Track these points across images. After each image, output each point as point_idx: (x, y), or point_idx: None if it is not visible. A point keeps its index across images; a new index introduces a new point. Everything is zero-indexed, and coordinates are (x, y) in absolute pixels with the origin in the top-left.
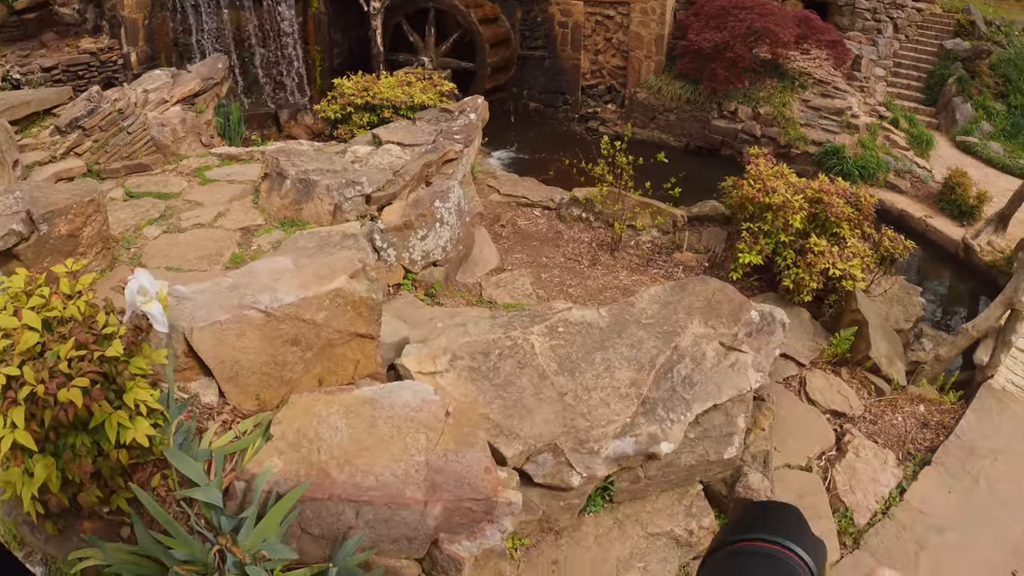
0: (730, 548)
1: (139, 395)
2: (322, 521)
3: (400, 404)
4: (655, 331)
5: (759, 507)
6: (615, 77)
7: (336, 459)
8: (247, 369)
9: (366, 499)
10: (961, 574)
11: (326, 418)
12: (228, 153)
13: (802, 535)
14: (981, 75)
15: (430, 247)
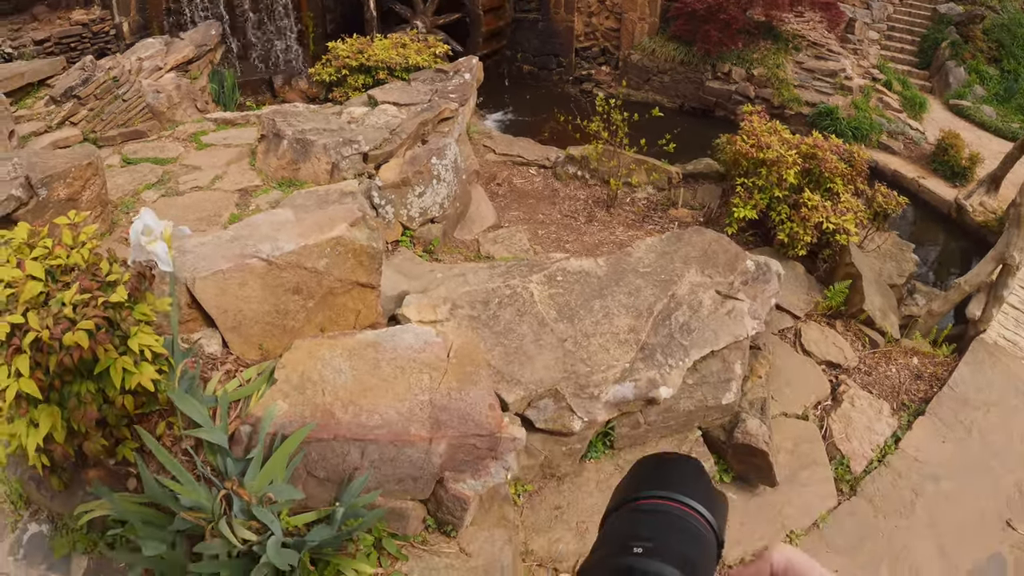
0: (627, 506)
1: (144, 340)
2: (327, 463)
3: (403, 346)
4: (652, 279)
5: (657, 462)
6: (609, 39)
7: (340, 400)
8: (250, 319)
9: (371, 438)
10: (956, 522)
11: (330, 361)
12: (224, 118)
13: (701, 489)
14: (975, 40)
15: (428, 204)
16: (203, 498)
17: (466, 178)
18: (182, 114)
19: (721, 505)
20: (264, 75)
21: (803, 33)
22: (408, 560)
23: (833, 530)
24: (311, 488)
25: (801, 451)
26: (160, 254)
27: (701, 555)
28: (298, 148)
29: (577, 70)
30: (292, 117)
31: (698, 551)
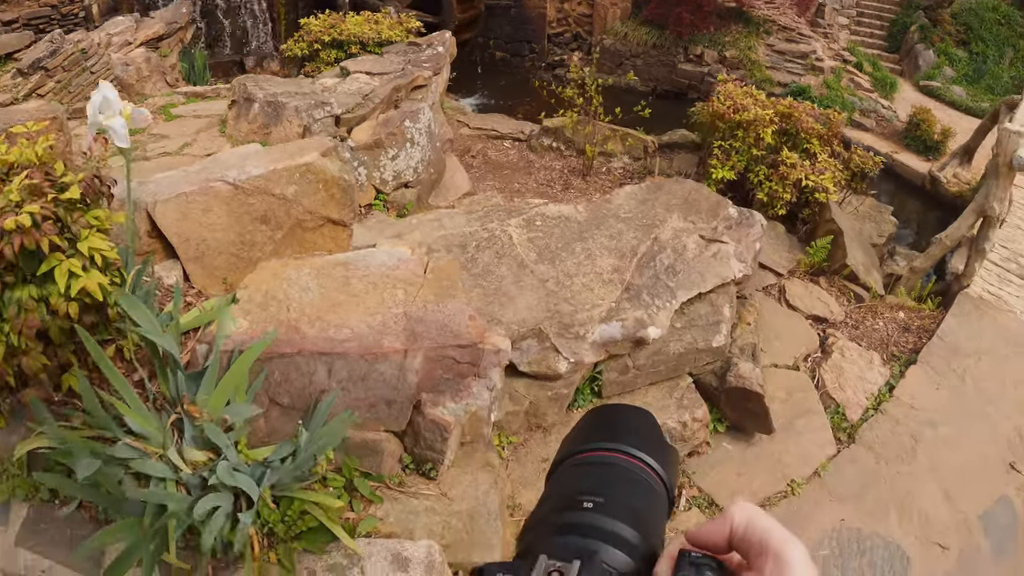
0: (575, 458)
1: (95, 243)
2: (291, 385)
3: (375, 264)
4: (634, 224)
5: (606, 413)
6: (581, 25)
7: (307, 316)
8: (213, 249)
9: (340, 351)
10: (959, 467)
11: (296, 280)
12: (194, 91)
13: (652, 442)
14: (943, 23)
15: (401, 167)
16: (152, 425)
17: (440, 146)
18: (151, 87)
19: (672, 458)
20: (235, 57)
21: (773, 18)
22: (383, 503)
23: (835, 478)
24: (274, 419)
25: (795, 400)
26: (117, 129)
27: (652, 509)
28: (269, 112)
29: (550, 56)
30: (264, 82)
31: (649, 505)
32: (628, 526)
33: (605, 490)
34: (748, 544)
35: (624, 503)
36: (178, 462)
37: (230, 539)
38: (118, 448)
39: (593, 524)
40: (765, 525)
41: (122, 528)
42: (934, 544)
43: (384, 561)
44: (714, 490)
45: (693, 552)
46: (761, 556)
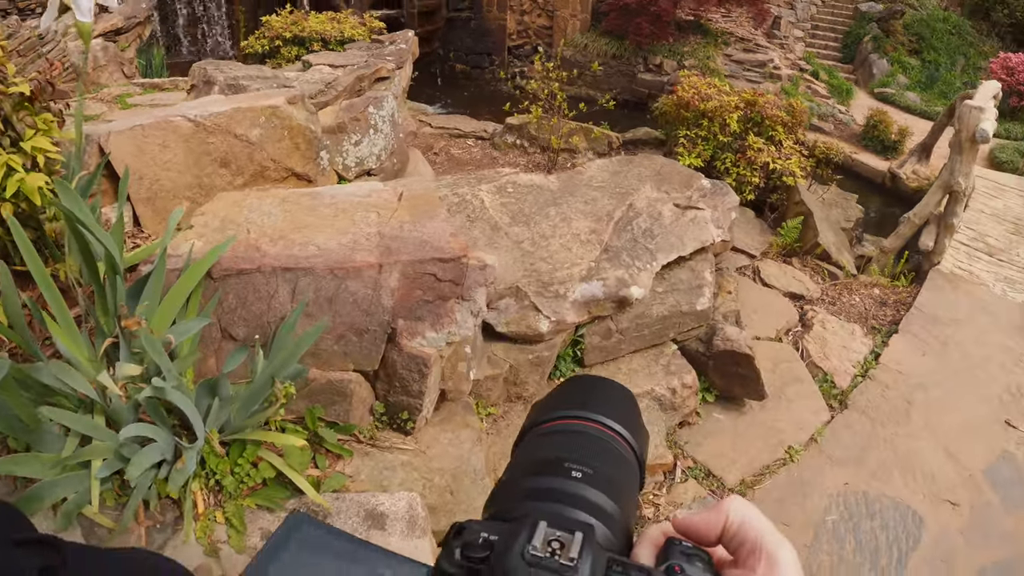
0: (547, 426)
1: (39, 143)
2: (249, 311)
3: (344, 194)
4: (608, 192)
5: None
6: (541, 37)
7: (268, 236)
8: (168, 190)
9: (305, 267)
10: (955, 426)
11: (258, 207)
12: (152, 83)
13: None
14: (895, 33)
15: (364, 153)
16: (82, 351)
17: (404, 137)
18: (108, 77)
19: (645, 438)
20: (193, 59)
21: (731, 30)
22: (352, 458)
23: (832, 443)
24: (226, 355)
25: (781, 370)
26: (81, 3)
27: (630, 484)
28: (231, 94)
29: (510, 68)
30: (225, 66)
31: (627, 480)
32: (612, 500)
33: (591, 460)
34: (740, 541)
35: (609, 475)
36: (108, 384)
37: (167, 492)
38: (37, 368)
39: (581, 495)
40: (760, 525)
41: (31, 462)
42: (944, 501)
43: (356, 518)
44: (710, 461)
45: (684, 542)
46: (753, 555)
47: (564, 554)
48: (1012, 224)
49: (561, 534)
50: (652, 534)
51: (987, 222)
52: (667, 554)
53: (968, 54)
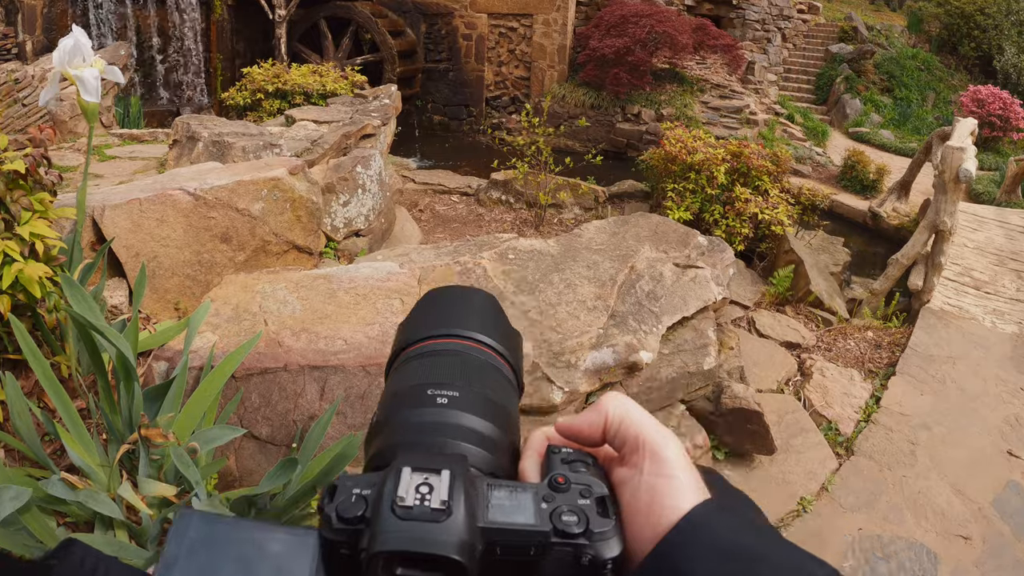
0: (411, 351)
1: (38, 228)
2: (273, 409)
3: (361, 277)
4: (608, 255)
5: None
6: (519, 88)
7: (290, 328)
8: (167, 268)
9: (334, 364)
10: (960, 461)
11: (272, 293)
12: (130, 134)
13: (493, 324)
14: (866, 73)
15: (352, 214)
16: (94, 458)
17: (390, 195)
18: (85, 127)
19: (517, 342)
20: (170, 107)
21: (706, 77)
22: None
23: (842, 491)
24: (248, 457)
25: (787, 421)
26: (88, 80)
27: (506, 399)
28: (215, 152)
29: (488, 119)
30: (209, 122)
31: (503, 394)
32: (487, 420)
33: (456, 381)
34: (623, 439)
35: (479, 394)
36: (134, 500)
37: None
38: (51, 484)
39: (450, 422)
40: (640, 420)
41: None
42: (956, 537)
43: None
44: None
45: (564, 448)
46: (636, 452)
47: (435, 497)
48: (995, 256)
49: (428, 476)
50: (534, 444)
51: (971, 256)
52: (549, 464)
53: (938, 88)
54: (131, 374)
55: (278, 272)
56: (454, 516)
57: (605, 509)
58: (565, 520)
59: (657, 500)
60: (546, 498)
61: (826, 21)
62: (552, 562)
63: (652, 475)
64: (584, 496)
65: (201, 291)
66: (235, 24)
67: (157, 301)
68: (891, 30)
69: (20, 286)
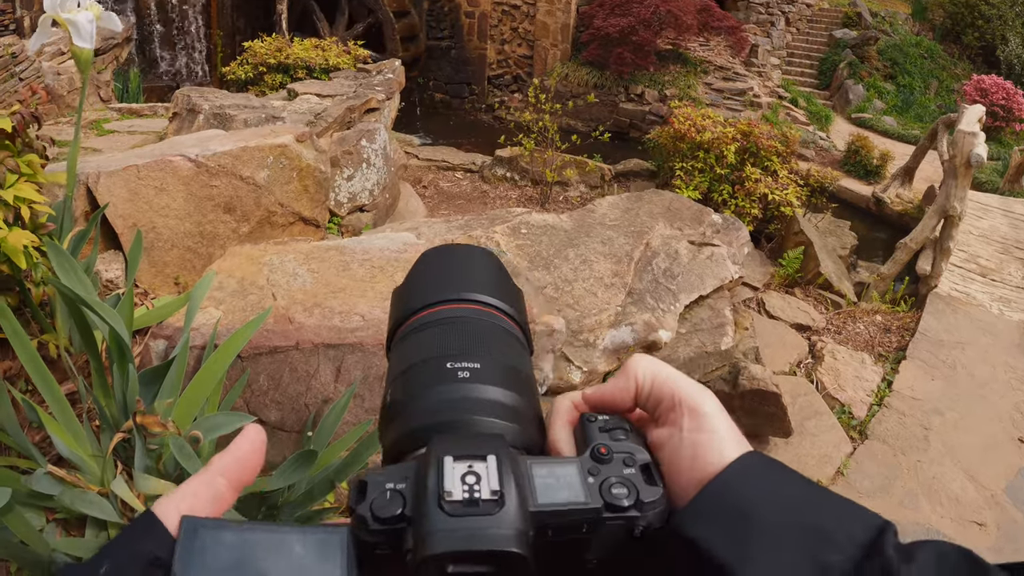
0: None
1: (23, 191)
2: (284, 392)
3: (376, 249)
4: (623, 231)
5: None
6: (521, 66)
7: (301, 303)
8: (165, 240)
9: (351, 342)
10: (972, 447)
11: (280, 266)
12: (129, 108)
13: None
14: (870, 59)
15: (357, 189)
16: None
17: (395, 170)
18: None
19: (520, 298)
20: (170, 83)
21: (710, 59)
22: None
23: (857, 475)
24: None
25: (800, 404)
26: (82, 25)
27: (522, 363)
28: (216, 124)
29: (490, 97)
30: (210, 94)
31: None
32: (512, 391)
33: (475, 350)
34: (657, 399)
35: (500, 363)
36: (129, 498)
37: None
38: (36, 479)
39: (477, 396)
40: (673, 377)
41: None
42: (971, 523)
43: None
44: None
45: (600, 416)
46: (673, 411)
47: (484, 487)
48: (1000, 244)
49: (472, 464)
50: (563, 410)
51: (976, 243)
52: (586, 434)
53: (941, 77)
54: (125, 354)
55: (286, 243)
56: (507, 506)
57: (651, 476)
58: (615, 493)
59: (700, 455)
60: (591, 471)
61: (829, 6)
62: (603, 536)
63: (693, 431)
64: (628, 465)
65: (202, 264)
66: (236, 1)
67: (156, 275)
68: (895, 17)
69: (3, 256)
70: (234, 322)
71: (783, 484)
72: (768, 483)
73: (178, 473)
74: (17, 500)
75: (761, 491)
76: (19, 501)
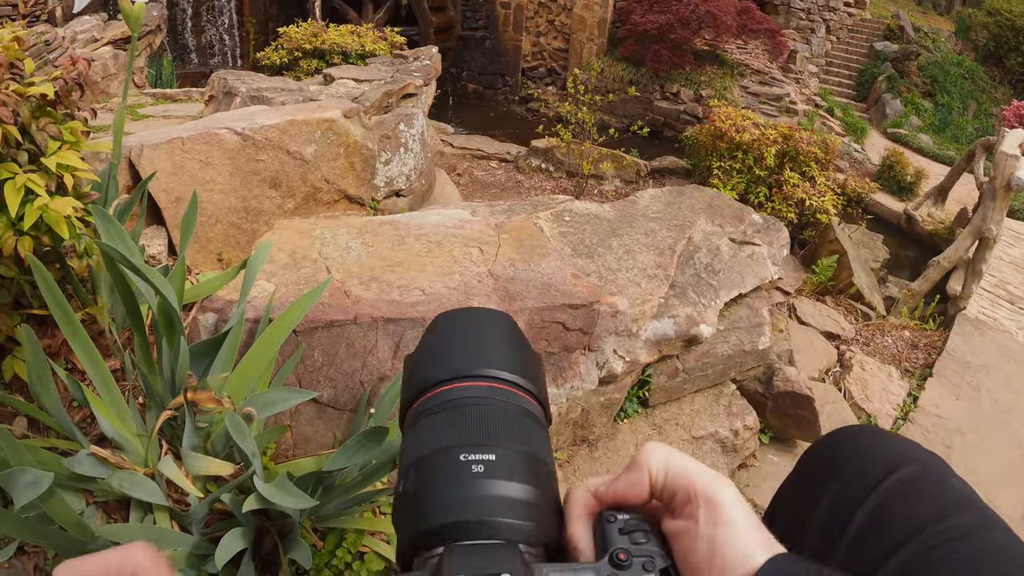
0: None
1: (66, 159)
2: (338, 369)
3: (430, 224)
4: (665, 224)
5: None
6: (556, 60)
7: (356, 276)
8: (210, 215)
9: (412, 316)
10: (992, 471)
11: (332, 239)
12: (163, 93)
13: (516, 355)
14: (910, 75)
15: (394, 173)
16: (130, 429)
17: (431, 156)
18: (117, 87)
19: (541, 368)
20: (203, 69)
21: (747, 62)
22: None
23: None
24: (305, 423)
25: (828, 411)
26: None
27: (543, 449)
28: (253, 106)
29: (523, 89)
30: (246, 77)
31: (539, 445)
32: (528, 484)
33: (489, 440)
34: (672, 491)
35: (517, 453)
36: (179, 479)
37: None
38: (79, 461)
39: (491, 494)
40: (686, 467)
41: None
42: None
43: None
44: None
45: (619, 516)
46: (689, 502)
47: None
48: None
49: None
50: (580, 503)
51: (1007, 270)
52: (604, 536)
53: (980, 99)
54: (176, 326)
55: (337, 217)
56: None
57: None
58: None
59: (719, 551)
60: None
61: (872, 17)
62: None
63: (709, 524)
64: (648, 570)
65: (247, 240)
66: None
67: (199, 251)
68: (938, 34)
69: (45, 226)
70: (287, 295)
71: None
72: None
73: (227, 451)
74: (58, 483)
75: None
76: (60, 484)
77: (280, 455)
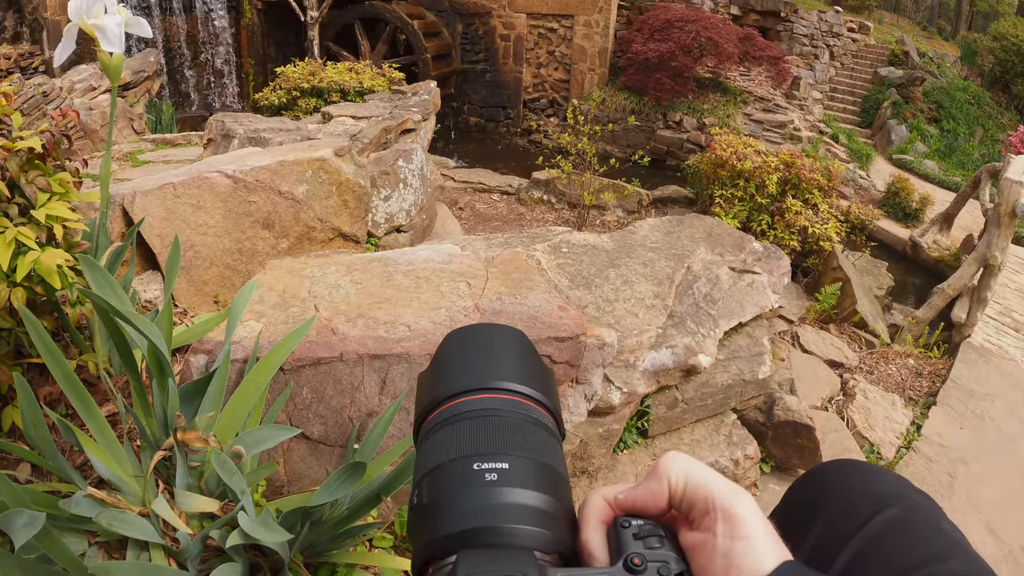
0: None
1: (55, 210)
2: (327, 405)
3: (420, 260)
4: (664, 254)
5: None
6: (558, 90)
7: (344, 314)
8: (204, 258)
9: (398, 352)
10: (995, 501)
11: (321, 277)
12: (163, 138)
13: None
14: (915, 100)
15: (394, 209)
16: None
17: (431, 191)
18: (117, 134)
19: (553, 381)
20: (203, 113)
21: (750, 89)
22: None
23: None
24: (297, 460)
25: (831, 440)
26: (110, 29)
27: (555, 458)
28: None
29: (525, 121)
30: (244, 119)
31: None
32: (542, 492)
33: (502, 449)
34: (691, 502)
35: (530, 461)
36: (170, 517)
37: None
38: (75, 502)
39: (505, 502)
40: (706, 479)
41: None
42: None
43: None
44: None
45: (634, 522)
46: (708, 515)
47: None
48: None
49: None
50: (595, 510)
51: (1012, 297)
52: (619, 541)
53: (987, 125)
54: (165, 369)
55: (327, 255)
56: None
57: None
58: None
59: (735, 564)
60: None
61: (876, 43)
62: None
63: (727, 538)
64: (662, 574)
65: (242, 282)
66: (266, 28)
67: (195, 294)
68: (943, 59)
69: (38, 277)
70: (276, 335)
71: None
72: None
73: (220, 489)
74: (57, 524)
75: None
76: (59, 526)
77: (275, 492)
